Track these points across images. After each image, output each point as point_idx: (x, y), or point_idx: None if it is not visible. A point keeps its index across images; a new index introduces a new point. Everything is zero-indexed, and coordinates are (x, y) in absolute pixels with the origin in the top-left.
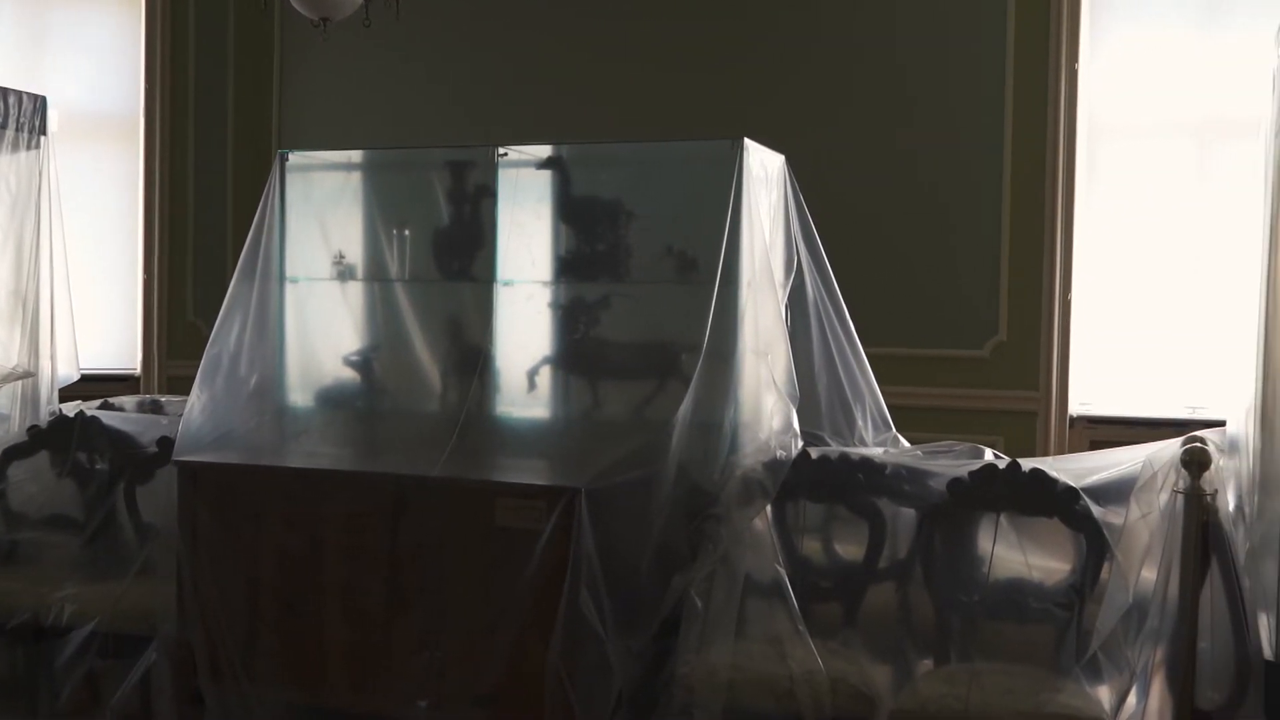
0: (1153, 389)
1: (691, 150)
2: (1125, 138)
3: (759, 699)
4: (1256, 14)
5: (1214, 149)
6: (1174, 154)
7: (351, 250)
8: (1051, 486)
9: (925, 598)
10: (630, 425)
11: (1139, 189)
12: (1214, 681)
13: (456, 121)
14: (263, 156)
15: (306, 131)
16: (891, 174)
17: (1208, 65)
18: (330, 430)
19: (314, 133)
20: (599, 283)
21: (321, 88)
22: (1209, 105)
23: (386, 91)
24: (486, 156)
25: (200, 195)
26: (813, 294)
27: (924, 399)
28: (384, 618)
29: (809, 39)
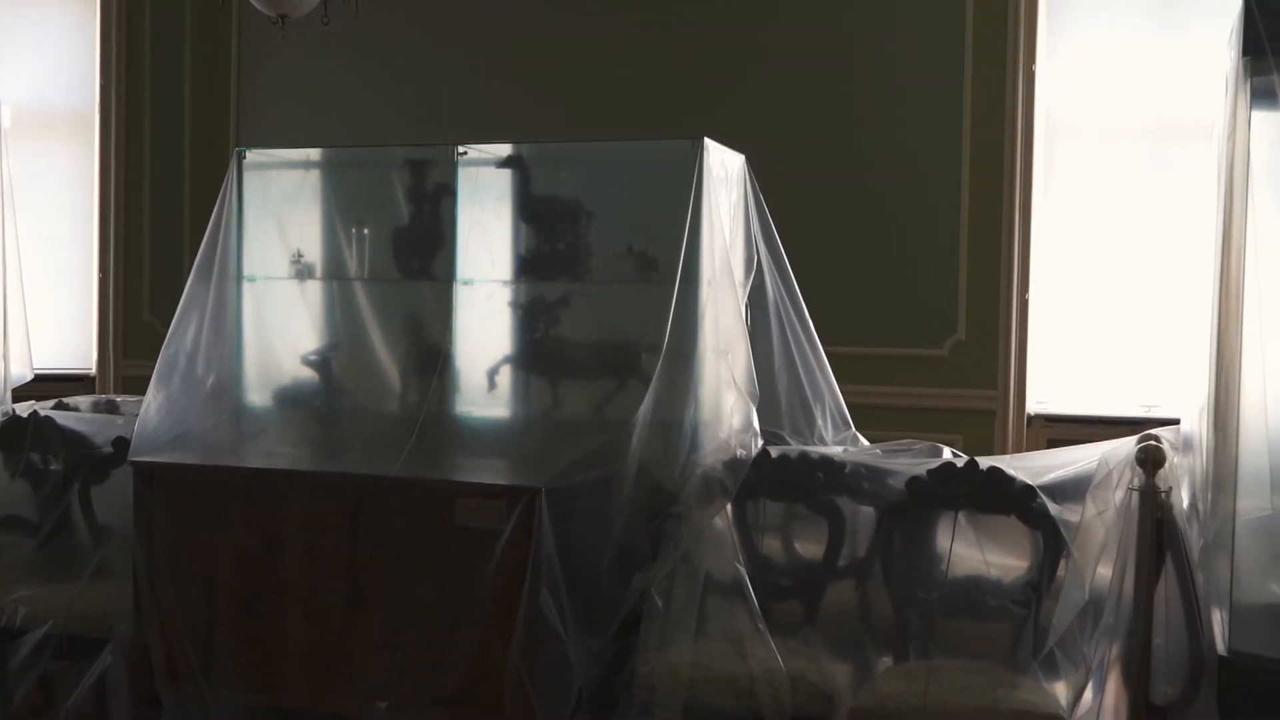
0: (1109, 388)
1: (652, 150)
2: (1082, 139)
3: (719, 697)
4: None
5: (1169, 150)
6: (1130, 155)
7: (310, 249)
8: (1009, 485)
9: (884, 595)
10: (590, 424)
11: (1095, 190)
12: (1168, 677)
13: (416, 120)
14: (220, 154)
15: (264, 129)
16: (851, 174)
17: (1163, 67)
18: (288, 430)
19: (272, 131)
20: (559, 282)
21: (280, 86)
22: (1164, 107)
23: (346, 90)
24: (446, 155)
25: (156, 193)
26: (773, 293)
27: (883, 398)
28: (344, 618)
29: (769, 39)
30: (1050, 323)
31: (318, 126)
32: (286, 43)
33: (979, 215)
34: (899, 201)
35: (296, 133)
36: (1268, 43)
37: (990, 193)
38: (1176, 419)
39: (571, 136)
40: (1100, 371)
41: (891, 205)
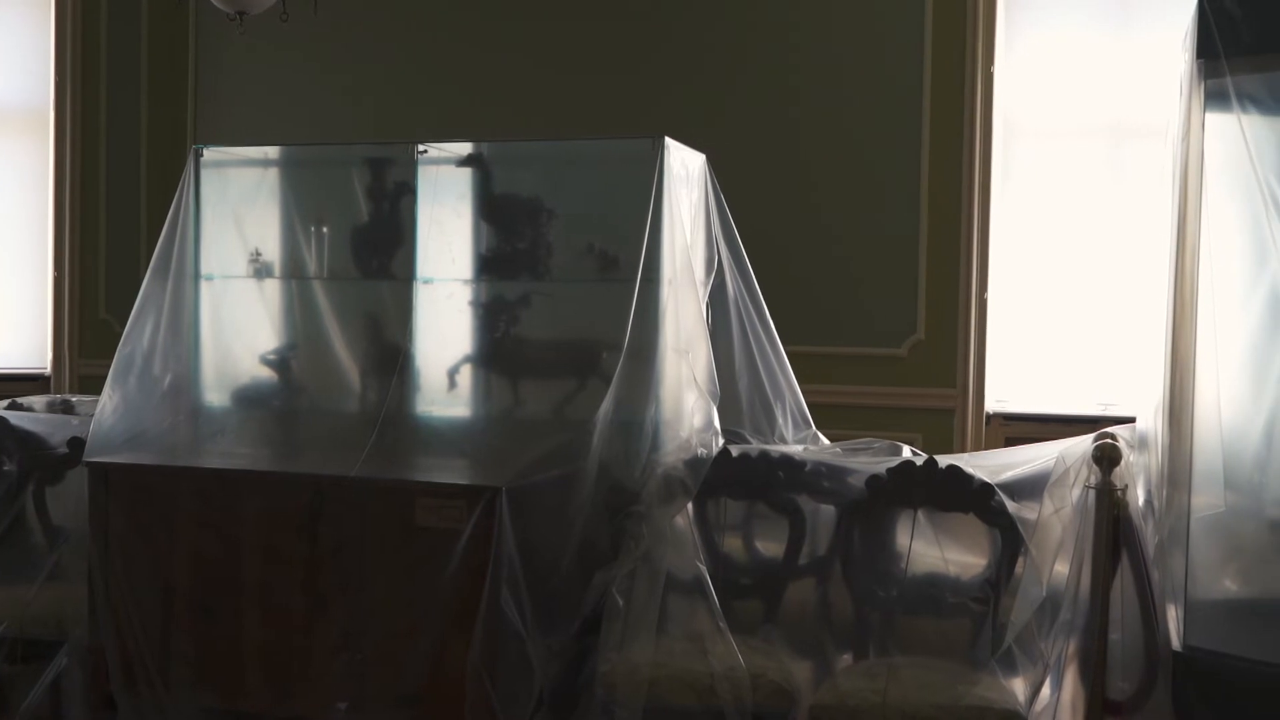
0: (1066, 386)
1: (612, 148)
2: (1039, 139)
3: (680, 696)
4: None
5: (1126, 151)
6: (1087, 156)
7: (268, 247)
8: (967, 483)
9: (844, 593)
10: (551, 424)
11: (1052, 190)
12: (1125, 672)
13: (376, 118)
14: (177, 151)
15: (222, 127)
16: (811, 174)
17: (1119, 69)
18: (247, 430)
19: (230, 128)
20: (520, 281)
21: (238, 83)
22: (1121, 108)
23: (305, 87)
24: (406, 154)
25: (113, 190)
26: (733, 293)
27: (843, 397)
28: (303, 620)
29: (731, 40)
30: (1008, 322)
31: (276, 124)
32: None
33: (938, 216)
34: (859, 202)
35: (255, 130)
36: (1221, 46)
37: (949, 193)
38: (1132, 417)
39: (532, 136)
40: (1058, 370)
41: (851, 205)
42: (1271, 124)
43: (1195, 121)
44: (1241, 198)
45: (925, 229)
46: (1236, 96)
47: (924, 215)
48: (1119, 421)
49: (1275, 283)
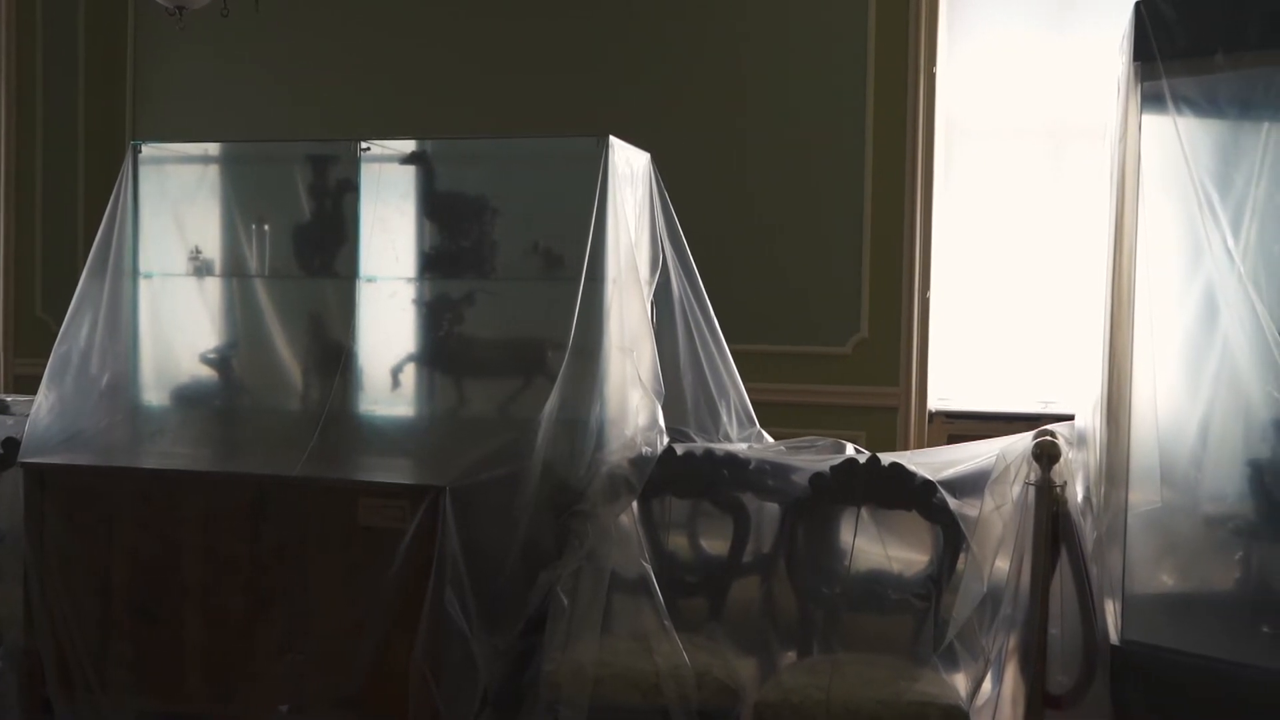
0: (1007, 384)
1: (557, 147)
2: (981, 140)
3: (625, 694)
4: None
5: (1066, 152)
6: (1027, 156)
7: (208, 245)
8: (910, 480)
9: (789, 591)
10: (495, 423)
11: (994, 190)
12: (1064, 666)
13: (319, 115)
14: (115, 147)
15: (161, 123)
16: (755, 173)
17: (1059, 70)
18: (187, 430)
19: (169, 124)
20: (464, 279)
21: (178, 78)
22: (1060, 109)
23: (246, 83)
24: (349, 151)
25: (49, 187)
26: (678, 291)
27: (788, 395)
28: (244, 621)
29: (673, 39)
30: (951, 321)
31: (217, 120)
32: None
33: (881, 215)
34: (802, 201)
35: (195, 126)
36: (1157, 49)
37: (892, 193)
38: (1071, 415)
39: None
40: (999, 368)
41: (795, 205)
42: (1206, 126)
43: (1132, 123)
44: (1177, 198)
45: (869, 228)
46: (1172, 99)
47: (867, 215)
48: (1058, 419)
49: (1210, 282)
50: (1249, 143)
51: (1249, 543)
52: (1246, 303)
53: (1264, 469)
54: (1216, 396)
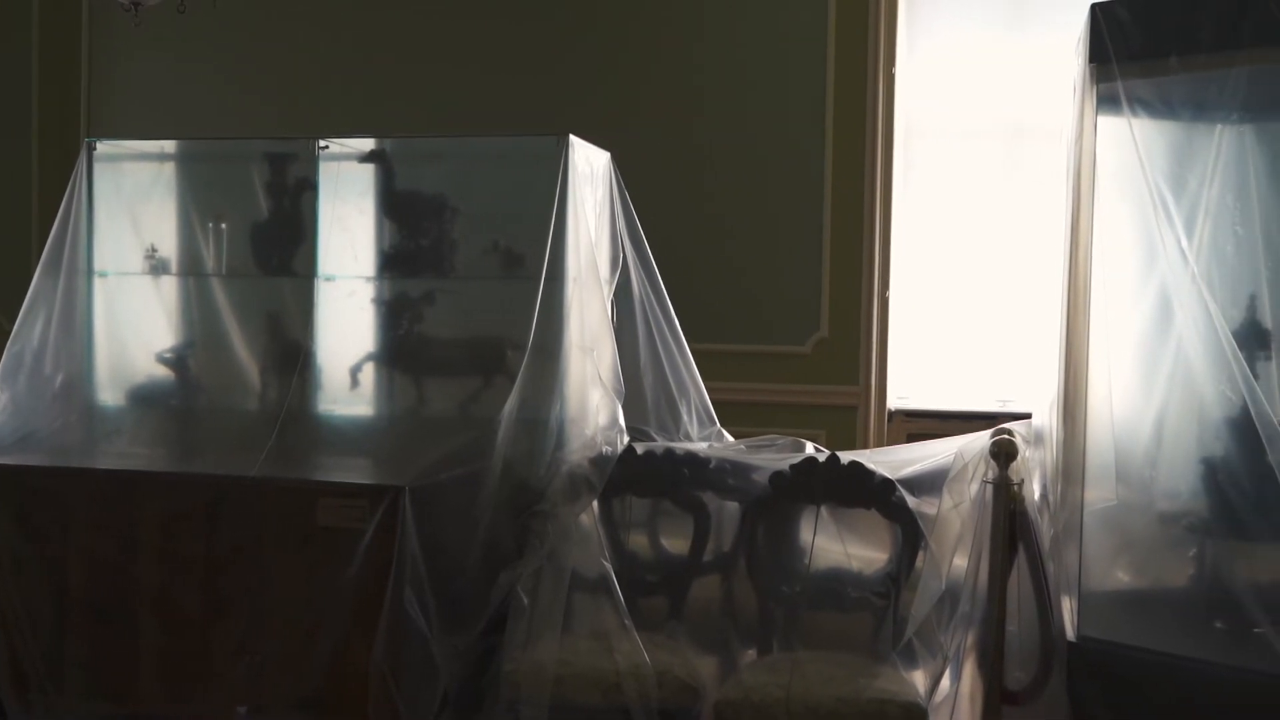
0: (966, 383)
1: (516, 146)
2: (939, 140)
3: (586, 693)
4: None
5: (1023, 152)
6: (985, 156)
7: (164, 244)
8: (869, 479)
9: (749, 589)
10: (455, 422)
11: (953, 190)
12: (1021, 663)
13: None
14: (70, 145)
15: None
16: (715, 173)
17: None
18: (143, 430)
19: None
20: (423, 278)
21: (133, 75)
22: (1018, 109)
23: (203, 81)
24: (307, 149)
25: (2, 184)
26: (638, 290)
27: (748, 394)
28: (201, 623)
29: (634, 38)
30: (910, 320)
31: (174, 118)
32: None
33: (841, 215)
34: (762, 201)
35: (151, 124)
36: (1112, 51)
37: (852, 193)
38: (1029, 413)
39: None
40: (958, 367)
41: (755, 204)
42: (1160, 127)
43: (1088, 124)
44: (1132, 199)
45: (828, 228)
46: (1127, 100)
47: (827, 214)
48: (1016, 418)
49: (1164, 282)
50: (1202, 144)
51: (1203, 539)
52: (1200, 303)
53: (1217, 467)
54: (1171, 395)
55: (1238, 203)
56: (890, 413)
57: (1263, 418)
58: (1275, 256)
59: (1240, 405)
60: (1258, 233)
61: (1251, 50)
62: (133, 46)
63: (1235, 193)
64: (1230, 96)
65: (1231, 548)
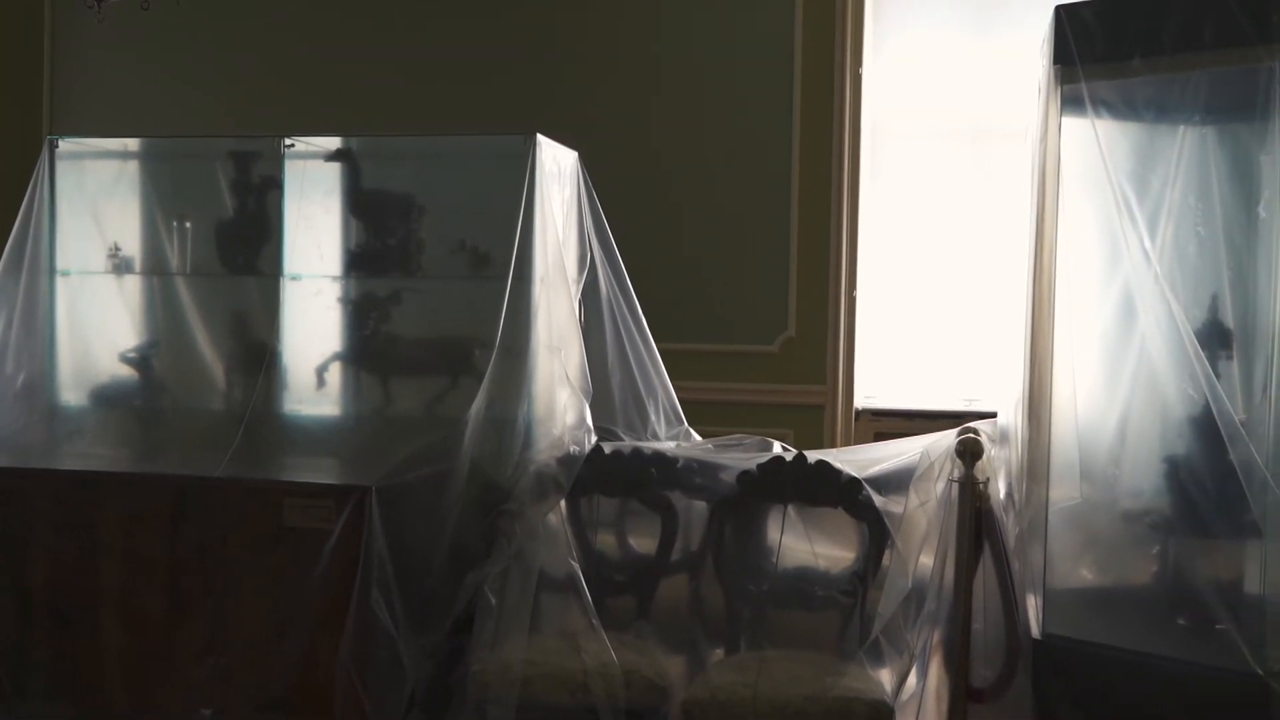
0: (932, 382)
1: (483, 145)
2: (906, 140)
3: (553, 693)
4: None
5: (989, 152)
6: (952, 157)
7: (128, 242)
8: (836, 478)
9: (716, 588)
10: (422, 422)
11: (919, 190)
12: (987, 660)
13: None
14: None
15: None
16: (683, 173)
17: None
18: (106, 430)
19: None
20: (390, 278)
21: (96, 72)
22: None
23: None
24: (272, 147)
25: None
26: (606, 290)
27: (716, 394)
28: (165, 625)
29: (601, 37)
30: (877, 320)
31: (138, 115)
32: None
33: (808, 215)
34: (730, 200)
35: (114, 121)
36: (1076, 53)
37: (819, 193)
38: (994, 412)
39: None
40: (924, 367)
41: (723, 204)
42: (1124, 128)
43: (1052, 125)
44: (1096, 199)
45: (796, 228)
46: (1091, 102)
47: (794, 214)
48: (981, 417)
49: (1128, 282)
50: (1165, 145)
51: (1165, 537)
52: (1163, 303)
53: (1180, 465)
54: (1134, 395)
55: (1200, 203)
56: (857, 412)
57: (1224, 416)
58: (1236, 257)
59: (1202, 404)
60: (1219, 233)
61: (1213, 53)
62: (96, 43)
63: (1197, 194)
64: (1192, 98)
65: (1194, 545)
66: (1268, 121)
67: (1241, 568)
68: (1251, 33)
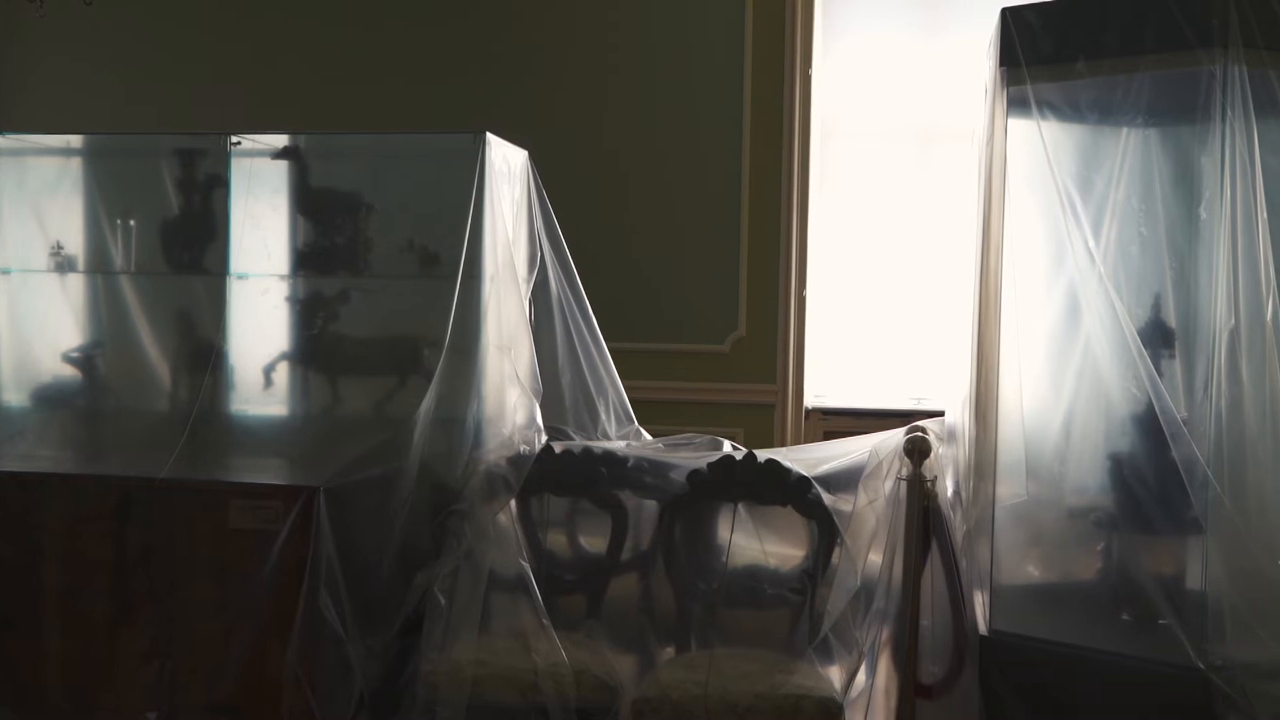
0: (881, 381)
1: (432, 143)
2: (855, 141)
3: (504, 693)
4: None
5: (937, 153)
6: (900, 157)
7: (71, 240)
8: (785, 476)
9: (667, 587)
10: (371, 422)
11: (868, 190)
12: (935, 657)
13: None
14: None
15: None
16: (634, 172)
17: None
18: (48, 431)
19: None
20: (338, 276)
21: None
22: (932, 111)
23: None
24: (218, 145)
25: None
26: (556, 289)
27: (666, 393)
28: (110, 628)
29: (553, 38)
30: (827, 319)
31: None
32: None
33: (758, 214)
34: (681, 200)
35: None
36: (1022, 55)
37: (769, 193)
38: (942, 411)
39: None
40: (873, 366)
41: (673, 204)
42: (1068, 130)
43: (998, 126)
44: (1041, 200)
45: (746, 228)
46: (1036, 103)
47: (745, 214)
48: (929, 415)
49: (1073, 282)
50: (1108, 146)
51: (1109, 534)
52: (1107, 302)
53: (1124, 462)
54: (1079, 393)
55: (1142, 204)
56: (807, 411)
57: (1167, 414)
58: (1178, 257)
59: (1145, 402)
60: (1161, 234)
61: (1155, 56)
62: (39, 38)
63: (1140, 195)
64: (1135, 100)
65: (1137, 541)
66: (1208, 124)
67: (1183, 563)
68: (1192, 36)
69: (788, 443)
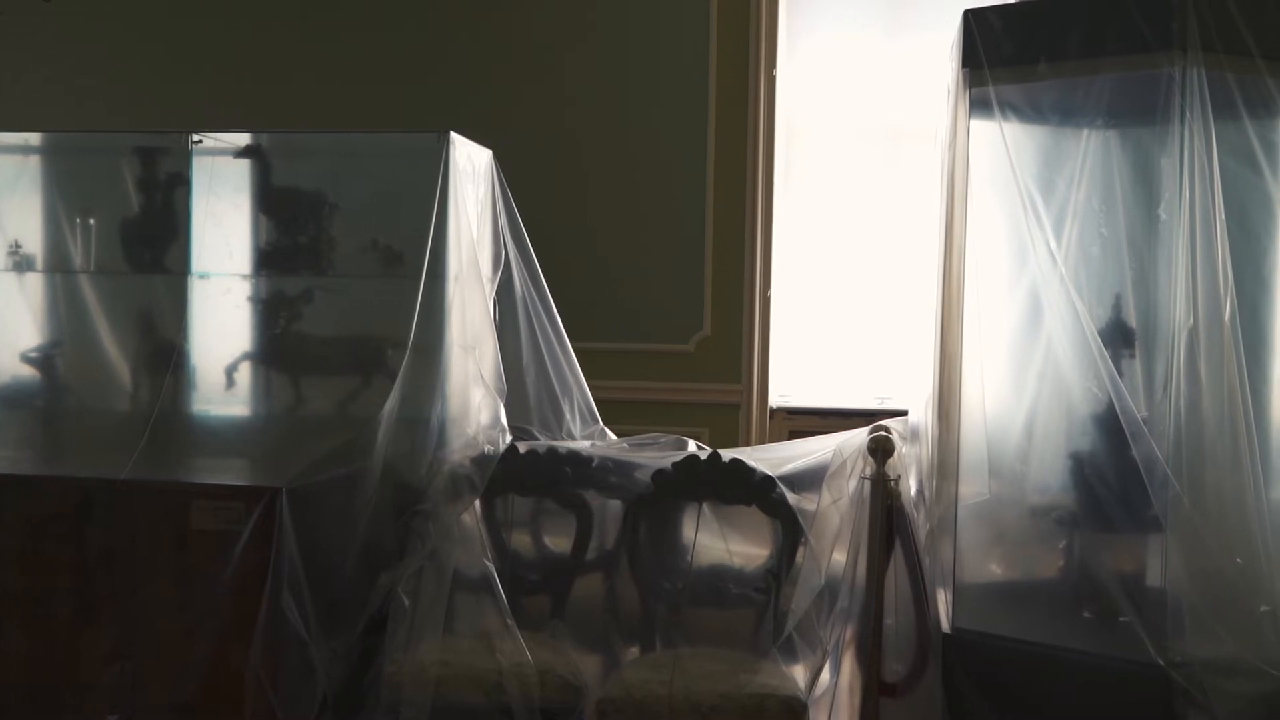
0: (845, 381)
1: (396, 142)
2: (819, 141)
3: (468, 693)
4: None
5: (900, 153)
6: (864, 157)
7: (30, 239)
8: (750, 476)
9: (631, 587)
10: (334, 422)
11: (832, 190)
12: (899, 655)
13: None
14: None
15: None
16: (598, 172)
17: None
18: (7, 432)
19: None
20: (301, 276)
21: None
22: (896, 111)
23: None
24: (179, 143)
25: None
26: (520, 289)
27: (631, 393)
28: (69, 630)
29: (518, 37)
30: (791, 319)
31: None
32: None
33: (723, 215)
34: (646, 200)
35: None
36: (984, 56)
37: (734, 192)
38: (905, 411)
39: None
40: (838, 365)
41: (638, 204)
42: (1030, 131)
43: (961, 127)
44: (1004, 201)
45: (711, 228)
46: (998, 104)
47: (710, 214)
48: (893, 415)
49: (1034, 282)
50: (1069, 148)
51: (1071, 532)
52: (1068, 303)
53: (1085, 461)
54: (1041, 392)
55: (1103, 206)
56: (772, 410)
57: (1127, 414)
58: (1139, 258)
59: (1106, 402)
60: (1122, 235)
61: (1116, 58)
62: None
63: (1101, 196)
64: (1096, 102)
65: (1098, 539)
66: (1168, 125)
67: (1144, 561)
68: (1153, 39)
69: (752, 442)
